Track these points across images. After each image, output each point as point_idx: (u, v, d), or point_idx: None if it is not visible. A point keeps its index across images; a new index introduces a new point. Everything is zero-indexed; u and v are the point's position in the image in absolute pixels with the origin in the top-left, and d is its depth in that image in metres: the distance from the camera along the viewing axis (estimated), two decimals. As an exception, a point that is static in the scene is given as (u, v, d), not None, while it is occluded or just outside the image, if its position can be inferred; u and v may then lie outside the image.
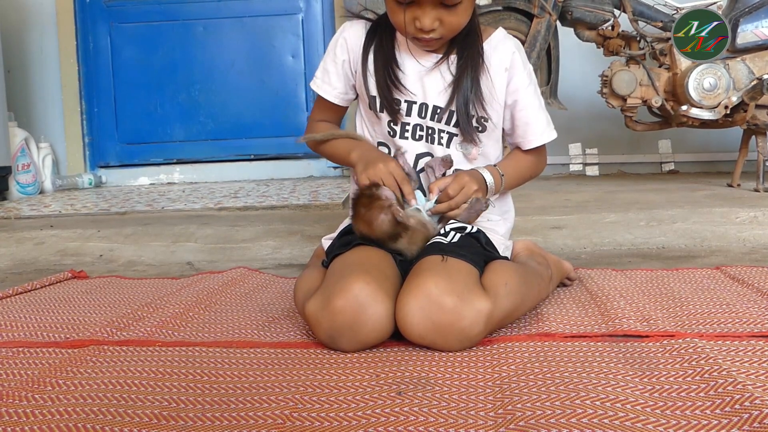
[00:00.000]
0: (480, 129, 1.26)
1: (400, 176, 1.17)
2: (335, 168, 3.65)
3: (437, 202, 1.18)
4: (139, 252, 1.98)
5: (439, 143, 1.26)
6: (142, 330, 1.17)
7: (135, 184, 3.74)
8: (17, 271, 1.89)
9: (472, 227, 1.20)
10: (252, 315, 1.28)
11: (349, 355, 1.02)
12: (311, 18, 3.68)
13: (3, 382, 0.94)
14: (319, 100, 1.37)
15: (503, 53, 1.27)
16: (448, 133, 1.26)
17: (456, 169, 1.26)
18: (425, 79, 1.25)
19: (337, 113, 1.38)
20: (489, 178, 1.23)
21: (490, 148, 1.30)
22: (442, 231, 1.18)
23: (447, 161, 1.24)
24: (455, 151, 1.27)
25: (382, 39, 1.26)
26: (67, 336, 1.16)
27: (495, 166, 1.28)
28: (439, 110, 1.25)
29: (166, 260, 1.93)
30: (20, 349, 1.09)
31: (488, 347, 1.04)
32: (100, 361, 1.01)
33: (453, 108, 1.24)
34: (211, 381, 0.93)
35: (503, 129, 1.32)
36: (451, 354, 1.01)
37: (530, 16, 2.57)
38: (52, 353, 1.06)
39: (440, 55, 1.24)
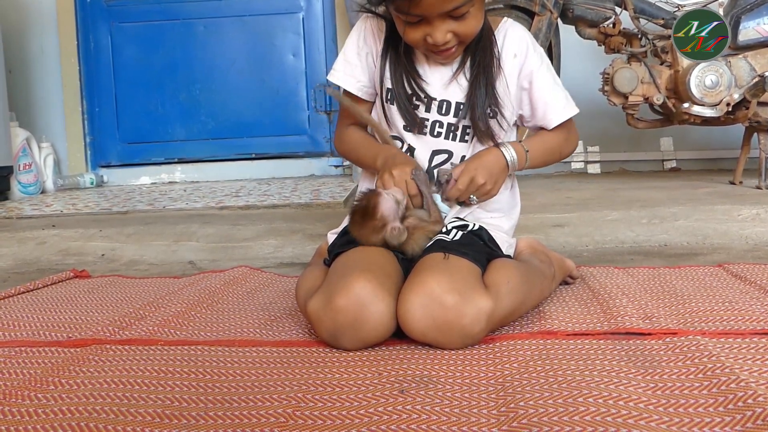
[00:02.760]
0: (491, 115, 1.24)
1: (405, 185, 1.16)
2: (336, 167, 3.65)
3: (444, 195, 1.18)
4: (141, 251, 1.98)
5: (464, 140, 1.25)
6: (144, 329, 1.17)
7: (136, 183, 3.74)
8: (19, 271, 1.89)
9: (475, 225, 1.20)
10: (254, 314, 1.28)
11: (351, 354, 1.02)
12: (312, 16, 3.68)
13: (6, 381, 0.94)
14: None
15: (512, 39, 1.25)
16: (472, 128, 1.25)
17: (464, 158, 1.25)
18: (446, 85, 1.24)
19: (364, 110, 1.34)
20: (511, 155, 1.21)
21: (503, 138, 1.28)
22: (444, 230, 1.17)
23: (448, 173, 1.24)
24: (478, 145, 1.25)
25: (398, 47, 1.23)
26: (70, 335, 1.17)
27: (520, 142, 1.25)
28: (462, 106, 1.23)
29: (167, 259, 1.93)
30: (23, 348, 1.09)
31: (490, 345, 1.04)
32: (103, 360, 1.01)
33: (470, 106, 1.23)
34: (213, 380, 0.93)
35: (522, 116, 1.30)
36: (453, 352, 1.01)
37: (531, 14, 2.56)
38: (54, 352, 1.06)
39: (457, 65, 1.23)
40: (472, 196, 1.19)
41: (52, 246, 2.04)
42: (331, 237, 1.29)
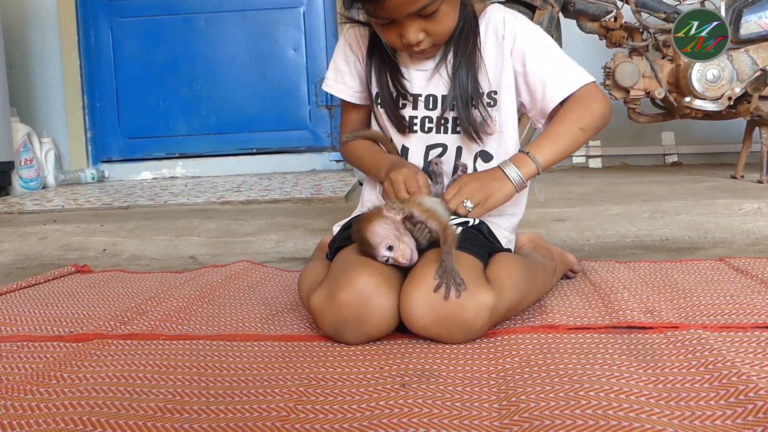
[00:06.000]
0: (492, 104, 1.24)
1: (413, 182, 1.16)
2: (338, 162, 3.65)
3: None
4: (143, 246, 1.98)
5: (455, 131, 1.25)
6: (145, 324, 1.17)
7: (138, 178, 3.75)
8: (21, 266, 1.89)
9: (475, 219, 1.20)
10: (255, 308, 1.28)
11: (353, 348, 1.02)
12: (313, 11, 3.68)
13: (8, 376, 0.94)
14: (343, 107, 1.37)
15: (495, 22, 1.24)
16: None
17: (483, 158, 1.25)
18: (428, 79, 1.25)
19: (363, 115, 1.37)
20: (515, 175, 1.16)
21: (503, 123, 1.26)
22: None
23: (462, 166, 1.24)
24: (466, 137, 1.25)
25: (382, 51, 1.24)
26: (72, 330, 1.17)
27: (527, 153, 1.17)
28: (447, 98, 1.24)
29: (169, 254, 1.93)
30: (24, 343, 1.09)
31: (492, 339, 1.04)
32: (105, 355, 1.02)
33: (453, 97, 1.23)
34: (215, 374, 0.93)
35: (523, 104, 1.27)
36: (455, 346, 1.01)
37: (533, 8, 2.56)
38: (56, 347, 1.07)
39: (439, 58, 1.23)
40: (466, 201, 1.14)
41: (53, 241, 2.05)
42: (337, 229, 1.29)
